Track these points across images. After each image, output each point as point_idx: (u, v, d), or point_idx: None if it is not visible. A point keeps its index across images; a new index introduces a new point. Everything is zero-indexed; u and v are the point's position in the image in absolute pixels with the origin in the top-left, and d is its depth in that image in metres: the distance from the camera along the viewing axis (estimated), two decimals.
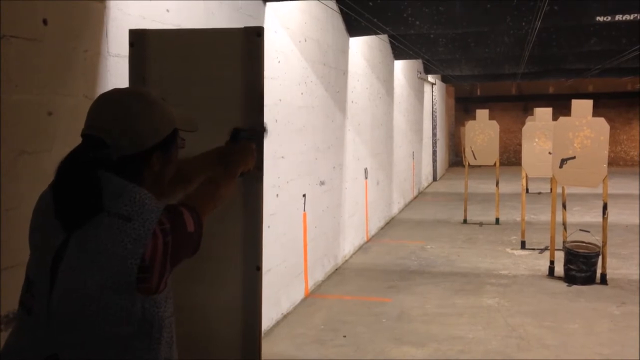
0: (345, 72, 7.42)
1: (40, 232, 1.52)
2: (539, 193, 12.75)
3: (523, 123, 9.51)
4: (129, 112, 1.54)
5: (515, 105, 21.64)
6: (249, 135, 2.05)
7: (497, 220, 9.93)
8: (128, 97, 1.59)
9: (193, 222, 1.56)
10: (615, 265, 6.91)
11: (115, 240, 1.40)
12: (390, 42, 9.88)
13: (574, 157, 6.40)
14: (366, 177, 8.60)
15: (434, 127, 16.50)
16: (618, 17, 6.38)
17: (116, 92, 1.66)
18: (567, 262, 6.46)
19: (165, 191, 1.70)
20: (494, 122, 10.09)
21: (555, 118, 7.21)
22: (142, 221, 1.43)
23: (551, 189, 6.85)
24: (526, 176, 8.30)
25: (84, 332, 1.41)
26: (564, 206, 7.57)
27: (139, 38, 2.26)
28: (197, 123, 1.77)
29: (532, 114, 9.41)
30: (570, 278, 6.41)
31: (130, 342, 1.43)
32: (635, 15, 6.30)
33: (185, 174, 1.87)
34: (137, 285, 1.41)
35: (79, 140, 2.71)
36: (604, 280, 6.32)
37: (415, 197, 13.30)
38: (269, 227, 4.89)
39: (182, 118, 1.68)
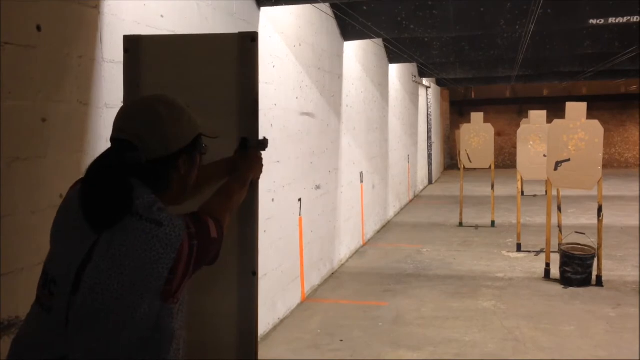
0: (340, 76, 7.43)
1: (67, 232, 1.53)
2: (535, 195, 12.78)
3: (518, 126, 9.54)
4: (157, 117, 1.59)
5: (509, 108, 21.69)
6: (256, 145, 2.10)
7: (493, 223, 9.94)
8: (155, 103, 1.64)
9: (216, 229, 1.62)
10: (610, 267, 6.93)
11: (146, 245, 1.44)
12: (385, 46, 9.90)
13: (568, 160, 6.42)
14: (362, 181, 8.60)
15: (429, 131, 16.53)
16: (611, 20, 6.41)
17: (143, 98, 1.73)
18: (562, 264, 6.47)
19: (188, 195, 1.75)
20: (489, 125, 10.11)
21: (549, 121, 7.24)
22: (172, 227, 1.48)
23: (546, 192, 6.87)
24: (521, 179, 8.32)
25: (98, 335, 1.42)
26: (559, 208, 7.59)
27: (133, 44, 2.25)
28: (219, 131, 1.82)
29: (526, 117, 9.44)
30: (566, 280, 6.42)
31: (140, 349, 1.44)
32: (629, 18, 6.33)
33: (197, 182, 1.90)
34: (162, 288, 1.45)
35: (73, 145, 2.73)
36: (599, 282, 6.34)
37: (411, 201, 13.31)
38: (264, 231, 4.88)
39: (205, 125, 1.74)
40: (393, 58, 10.39)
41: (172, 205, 1.64)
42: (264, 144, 2.13)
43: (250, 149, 2.07)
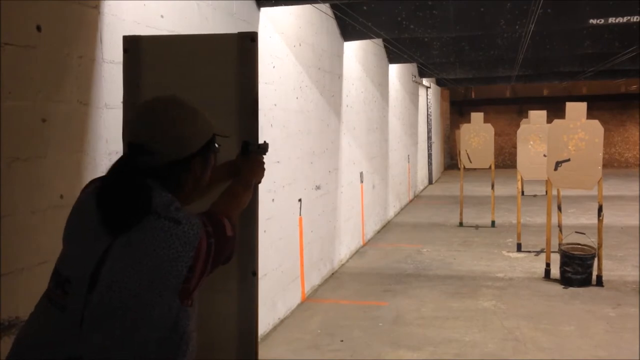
0: (340, 76, 7.43)
1: (83, 233, 1.53)
2: (535, 195, 12.78)
3: (518, 126, 9.53)
4: (170, 119, 1.59)
5: (509, 108, 21.69)
6: (256, 149, 2.11)
7: (493, 223, 9.94)
8: (169, 105, 1.64)
9: (231, 227, 1.65)
10: (610, 267, 6.93)
11: (165, 243, 1.45)
12: (385, 46, 9.90)
13: (568, 160, 6.42)
14: (362, 181, 8.60)
15: (429, 131, 16.53)
16: (611, 20, 6.41)
17: (156, 100, 1.70)
18: (562, 264, 6.47)
19: (196, 196, 1.76)
20: (489, 125, 10.12)
21: (549, 121, 7.24)
22: (190, 225, 1.49)
23: (546, 192, 6.86)
24: (521, 179, 8.32)
25: (114, 333, 1.41)
26: (559, 208, 7.59)
27: (133, 44, 2.25)
28: (228, 129, 1.84)
29: (526, 117, 9.44)
30: (566, 280, 6.42)
31: (156, 348, 1.44)
32: (629, 18, 6.33)
33: (209, 182, 1.91)
34: (180, 286, 1.46)
35: (73, 145, 2.73)
36: (599, 282, 6.33)
37: (411, 201, 13.31)
38: (265, 231, 4.88)
39: (216, 124, 1.74)
40: (393, 58, 10.39)
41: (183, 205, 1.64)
42: (264, 148, 2.13)
43: (251, 153, 2.08)
